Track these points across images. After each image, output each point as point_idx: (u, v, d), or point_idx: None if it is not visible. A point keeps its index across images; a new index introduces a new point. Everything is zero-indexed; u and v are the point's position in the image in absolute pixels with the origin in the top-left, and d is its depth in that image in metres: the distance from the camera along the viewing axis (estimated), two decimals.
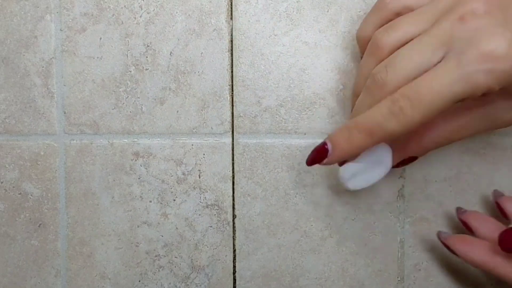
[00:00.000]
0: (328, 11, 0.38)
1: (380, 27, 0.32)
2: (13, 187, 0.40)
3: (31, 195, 0.40)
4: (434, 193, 0.39)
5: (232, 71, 0.39)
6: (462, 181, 0.39)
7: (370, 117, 0.30)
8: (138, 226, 0.40)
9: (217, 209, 0.40)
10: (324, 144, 0.32)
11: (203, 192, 0.40)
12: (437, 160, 0.39)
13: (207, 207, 0.40)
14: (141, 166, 0.40)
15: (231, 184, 0.40)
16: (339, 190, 0.40)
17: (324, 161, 0.32)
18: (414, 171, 0.39)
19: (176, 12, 0.39)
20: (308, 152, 0.38)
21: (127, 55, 0.39)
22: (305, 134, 0.39)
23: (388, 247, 0.40)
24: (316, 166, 0.37)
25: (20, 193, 0.40)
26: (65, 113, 0.40)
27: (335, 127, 0.39)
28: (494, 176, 0.39)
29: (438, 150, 0.36)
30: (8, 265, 0.41)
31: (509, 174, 0.38)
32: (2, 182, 0.40)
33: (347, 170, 0.36)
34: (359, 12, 0.38)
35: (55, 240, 0.40)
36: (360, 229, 0.40)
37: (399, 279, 0.40)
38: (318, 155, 0.32)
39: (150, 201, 0.40)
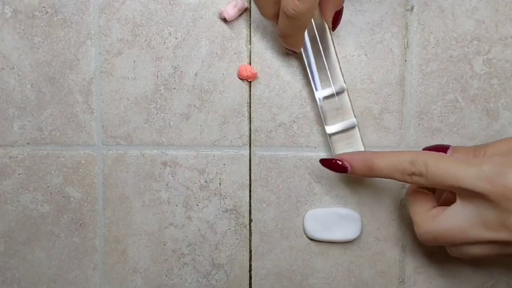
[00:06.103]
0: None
1: None
2: (58, 191, 0.42)
3: (73, 198, 0.42)
4: None
5: (250, 90, 0.40)
6: None
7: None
8: (165, 227, 0.41)
9: (235, 214, 0.41)
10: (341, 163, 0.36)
11: (223, 198, 0.41)
12: None
13: (226, 211, 0.41)
14: (168, 174, 0.41)
15: (248, 191, 0.41)
16: (346, 199, 0.40)
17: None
18: None
19: (201, 38, 0.40)
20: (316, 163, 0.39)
21: (157, 76, 0.40)
22: (315, 147, 0.40)
23: (390, 251, 0.40)
24: (328, 174, 0.39)
25: (63, 196, 0.42)
26: (103, 126, 0.41)
27: None
28: None
29: None
30: (52, 259, 0.42)
31: None
32: (48, 187, 0.42)
33: (311, 216, 0.39)
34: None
35: (94, 238, 0.42)
36: (365, 234, 0.40)
37: (400, 280, 0.40)
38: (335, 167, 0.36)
39: (176, 205, 0.41)
